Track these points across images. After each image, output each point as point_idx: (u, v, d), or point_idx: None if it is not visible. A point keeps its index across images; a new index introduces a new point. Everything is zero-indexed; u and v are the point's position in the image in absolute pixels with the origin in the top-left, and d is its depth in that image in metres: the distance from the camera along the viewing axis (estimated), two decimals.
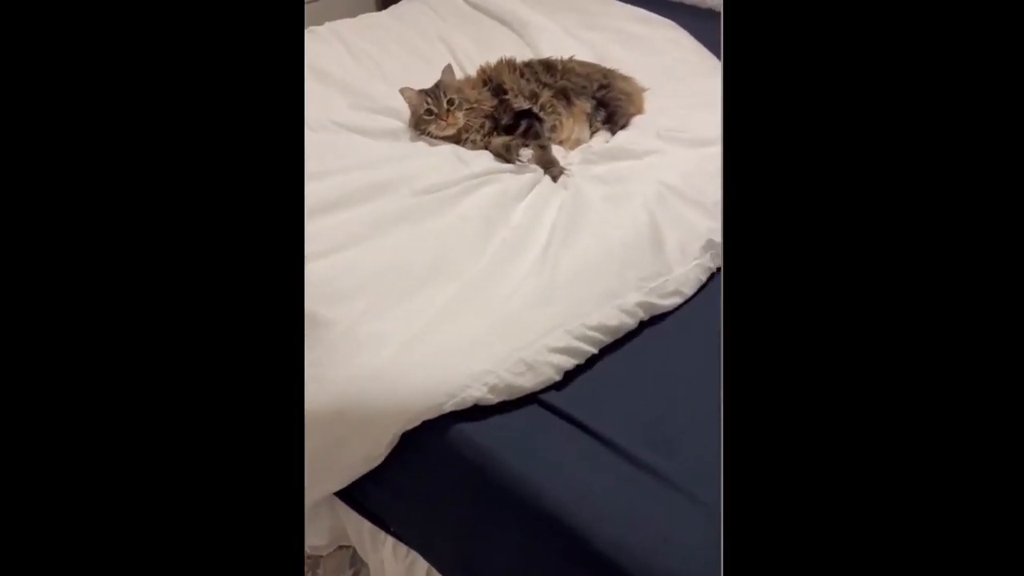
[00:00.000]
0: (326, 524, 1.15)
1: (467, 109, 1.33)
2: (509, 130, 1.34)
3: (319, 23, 1.87)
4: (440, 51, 1.73)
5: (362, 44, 1.73)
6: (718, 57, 1.56)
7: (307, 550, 1.22)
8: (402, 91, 1.37)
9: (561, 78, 1.42)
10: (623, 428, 0.86)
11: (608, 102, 1.41)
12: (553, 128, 1.36)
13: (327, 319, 0.94)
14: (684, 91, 1.48)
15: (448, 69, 1.39)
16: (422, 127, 1.34)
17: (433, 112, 1.32)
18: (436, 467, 0.90)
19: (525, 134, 1.33)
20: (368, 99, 1.46)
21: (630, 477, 0.81)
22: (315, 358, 0.90)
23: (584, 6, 1.91)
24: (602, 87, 1.43)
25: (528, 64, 1.47)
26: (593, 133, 1.39)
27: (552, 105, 1.37)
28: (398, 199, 1.15)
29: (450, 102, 1.32)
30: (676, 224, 1.09)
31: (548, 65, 1.47)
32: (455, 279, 1.00)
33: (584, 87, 1.42)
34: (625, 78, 1.50)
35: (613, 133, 1.38)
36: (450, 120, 1.31)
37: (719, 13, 1.79)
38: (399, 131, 1.37)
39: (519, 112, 1.36)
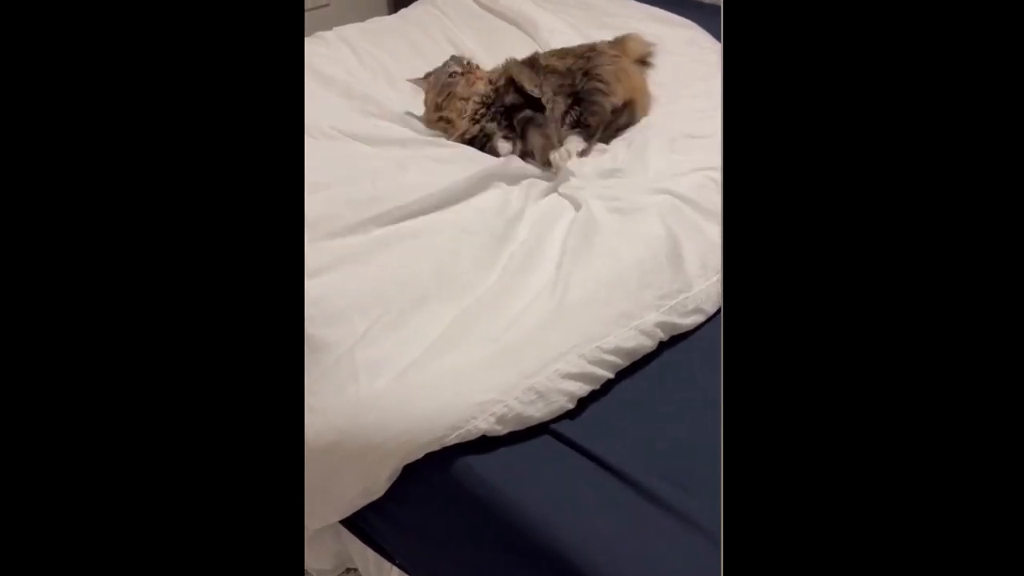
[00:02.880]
0: (331, 548, 1.10)
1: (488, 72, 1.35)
2: (509, 113, 1.28)
3: (328, 28, 1.83)
4: (449, 53, 1.68)
5: (370, 48, 1.69)
6: None
7: (313, 574, 1.18)
8: (415, 81, 1.39)
9: (543, 77, 1.35)
10: (641, 461, 0.79)
11: (582, 95, 1.31)
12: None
13: (322, 342, 0.88)
14: (701, 93, 1.41)
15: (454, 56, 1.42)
16: (446, 92, 1.32)
17: (457, 72, 1.33)
18: (440, 502, 0.85)
19: (526, 123, 1.26)
20: (373, 105, 1.41)
21: (648, 516, 0.75)
22: (309, 384, 0.85)
23: (598, 4, 1.86)
24: (584, 73, 1.34)
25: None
26: (561, 140, 1.25)
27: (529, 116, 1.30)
28: (399, 212, 1.09)
29: (467, 63, 1.36)
30: (694, 237, 1.03)
31: (531, 63, 1.40)
32: (459, 299, 0.94)
33: (560, 86, 1.33)
34: (615, 52, 1.42)
35: (589, 138, 1.27)
36: (478, 74, 1.33)
37: None
38: (402, 139, 1.31)
39: (528, 99, 1.30)
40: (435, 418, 0.80)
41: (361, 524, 0.97)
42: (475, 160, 1.24)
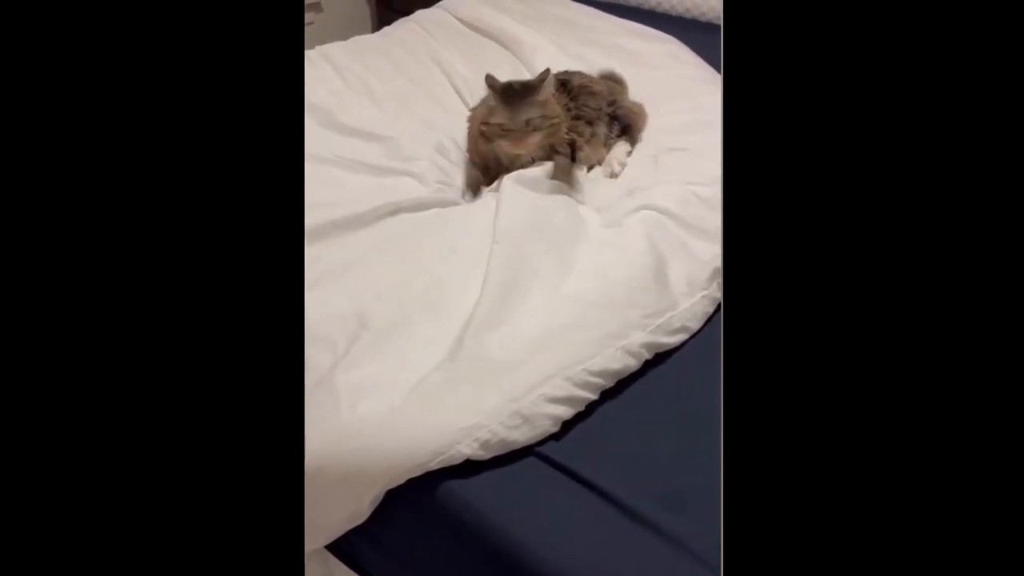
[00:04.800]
0: (316, 574, 1.09)
1: (548, 128, 1.18)
2: None
3: (311, 46, 1.83)
4: (433, 72, 1.68)
5: (353, 67, 1.68)
6: (720, 72, 1.50)
7: None
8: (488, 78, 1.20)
9: (575, 100, 1.34)
10: (628, 482, 0.78)
11: (620, 117, 1.37)
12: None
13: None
14: (684, 108, 1.42)
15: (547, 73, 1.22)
16: (491, 134, 1.18)
17: (508, 129, 1.16)
18: (426, 526, 0.83)
19: None
20: (355, 126, 1.40)
21: (635, 537, 0.74)
22: None
23: (579, 21, 1.86)
24: (610, 103, 1.38)
25: None
26: (609, 147, 1.33)
27: (578, 131, 1.29)
28: (381, 231, 1.08)
29: (527, 123, 1.16)
30: (679, 254, 1.02)
31: (563, 84, 1.35)
32: (443, 321, 0.93)
33: (599, 108, 1.35)
34: (624, 87, 1.45)
35: (633, 145, 1.34)
36: (522, 145, 1.16)
37: (720, 26, 1.74)
38: (384, 160, 1.30)
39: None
40: (418, 443, 0.79)
41: (346, 548, 0.95)
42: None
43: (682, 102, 1.44)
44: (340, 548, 0.96)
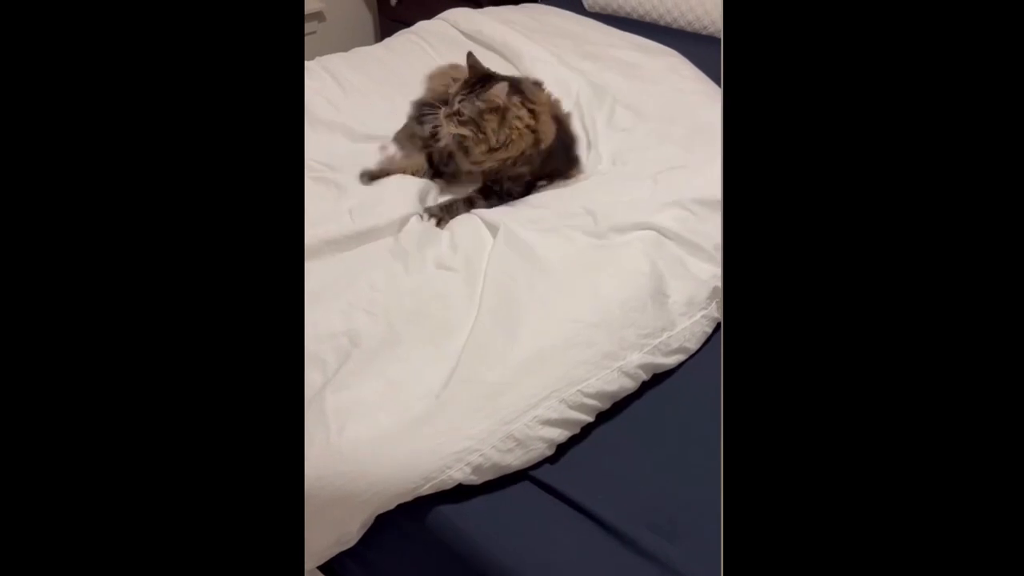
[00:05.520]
0: None
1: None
2: None
3: (314, 56, 1.83)
4: None
5: (353, 78, 1.68)
6: (720, 85, 1.49)
7: None
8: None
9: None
10: (623, 508, 0.77)
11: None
12: None
13: None
14: (684, 122, 1.40)
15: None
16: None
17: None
18: (415, 550, 0.82)
19: None
20: (352, 139, 1.39)
21: (629, 566, 0.73)
22: None
23: (580, 33, 1.85)
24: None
25: None
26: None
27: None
28: (375, 247, 1.07)
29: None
30: (678, 273, 1.01)
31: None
32: (434, 342, 0.91)
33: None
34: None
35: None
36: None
37: (720, 39, 1.73)
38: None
39: None
40: (408, 468, 0.77)
41: (338, 569, 0.94)
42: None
43: (682, 116, 1.42)
44: (331, 569, 0.94)
